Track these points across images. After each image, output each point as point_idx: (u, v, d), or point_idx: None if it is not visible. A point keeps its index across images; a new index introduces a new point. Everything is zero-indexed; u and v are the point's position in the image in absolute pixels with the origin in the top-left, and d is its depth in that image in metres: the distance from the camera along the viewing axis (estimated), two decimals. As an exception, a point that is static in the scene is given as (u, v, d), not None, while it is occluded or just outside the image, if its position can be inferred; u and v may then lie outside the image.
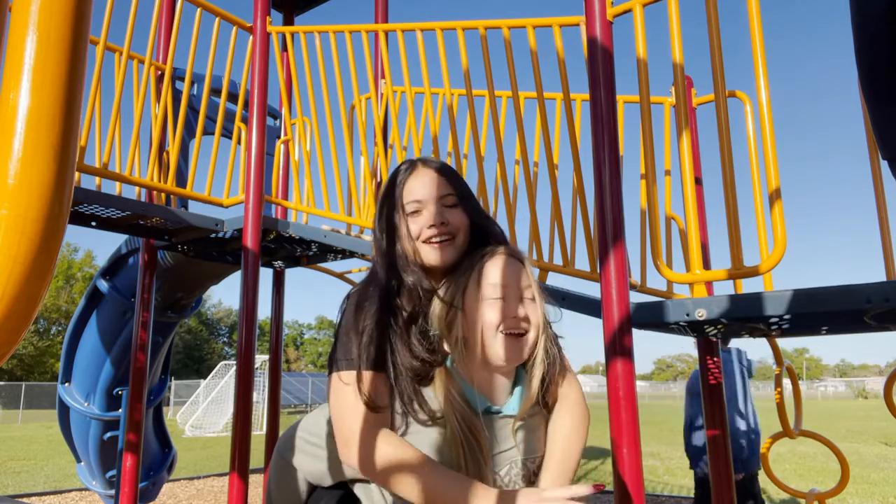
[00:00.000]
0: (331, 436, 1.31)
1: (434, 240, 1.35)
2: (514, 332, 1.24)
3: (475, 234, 1.40)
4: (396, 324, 1.28)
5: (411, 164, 1.44)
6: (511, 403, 1.29)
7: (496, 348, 1.24)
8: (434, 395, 1.25)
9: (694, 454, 4.32)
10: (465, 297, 1.28)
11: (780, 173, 1.88)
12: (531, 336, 1.26)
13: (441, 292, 1.32)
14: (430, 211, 1.36)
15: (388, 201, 1.42)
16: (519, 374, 1.32)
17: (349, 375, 1.25)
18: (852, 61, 1.11)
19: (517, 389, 1.31)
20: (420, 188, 1.39)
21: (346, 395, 1.24)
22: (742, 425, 4.04)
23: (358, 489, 1.32)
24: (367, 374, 1.24)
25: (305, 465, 1.39)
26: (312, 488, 1.41)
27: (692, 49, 2.25)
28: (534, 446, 1.30)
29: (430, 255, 1.35)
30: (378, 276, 1.37)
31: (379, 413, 1.23)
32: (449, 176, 1.42)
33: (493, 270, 1.28)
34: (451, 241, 1.36)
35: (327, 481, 1.36)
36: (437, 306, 1.30)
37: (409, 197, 1.39)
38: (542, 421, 1.34)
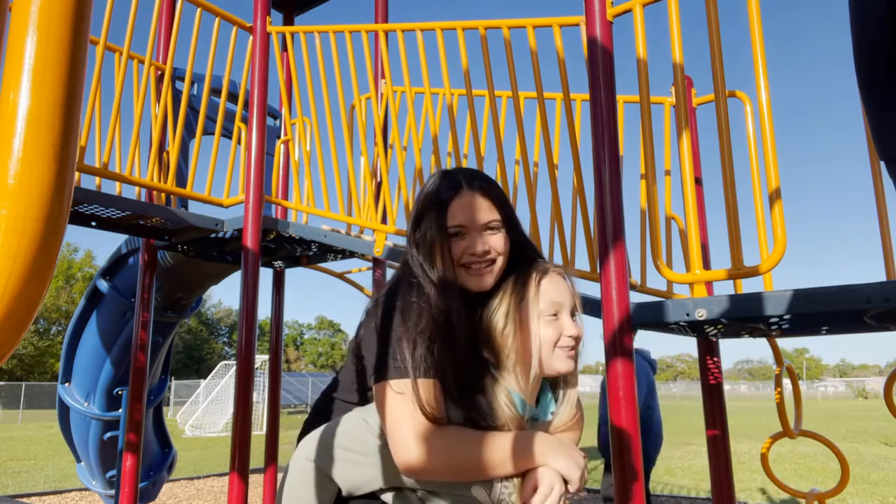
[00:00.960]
0: (379, 443, 1.30)
1: (474, 266, 1.36)
2: (569, 349, 1.33)
3: (513, 255, 1.41)
4: (451, 338, 1.30)
5: (455, 184, 1.40)
6: (541, 410, 1.37)
7: (553, 363, 1.32)
8: (487, 403, 1.31)
9: (606, 451, 4.32)
10: (520, 311, 1.33)
11: (780, 174, 1.88)
12: (579, 349, 1.36)
13: (495, 305, 1.36)
14: (473, 238, 1.37)
15: (429, 219, 1.39)
16: (543, 383, 1.41)
17: (404, 384, 1.25)
18: (852, 65, 1.11)
19: (544, 398, 1.39)
20: (465, 213, 1.37)
21: (402, 404, 1.23)
22: (646, 423, 4.10)
23: (392, 498, 1.31)
24: (423, 383, 1.24)
25: (346, 475, 1.35)
26: (336, 499, 1.38)
27: (692, 49, 2.25)
28: None
29: (470, 281, 1.37)
30: (421, 289, 1.36)
31: (436, 423, 1.24)
32: (495, 198, 1.40)
33: (551, 289, 1.35)
34: (491, 267, 1.38)
35: (373, 486, 1.33)
36: (493, 319, 1.35)
37: (452, 221, 1.37)
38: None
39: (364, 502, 1.34)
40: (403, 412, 1.23)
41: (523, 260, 1.42)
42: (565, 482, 1.24)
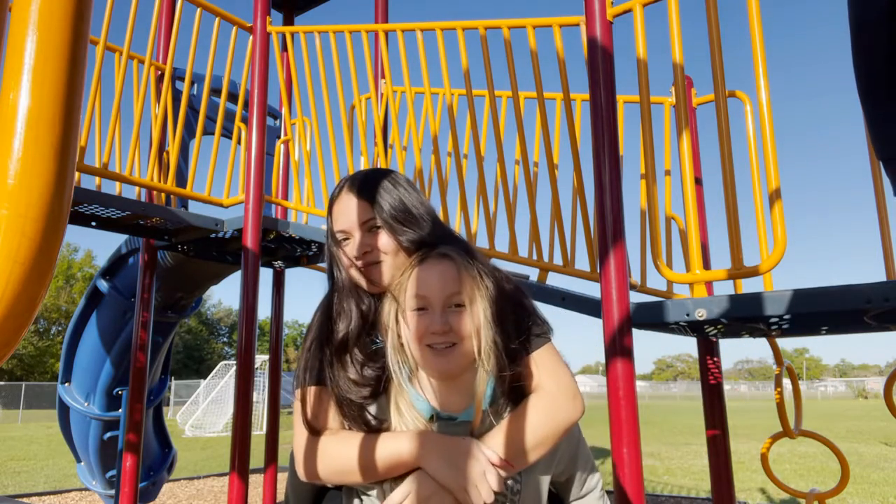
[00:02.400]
0: None
1: (365, 269, 1.33)
2: (437, 346, 1.19)
3: (418, 248, 1.32)
4: (333, 346, 1.30)
5: (339, 188, 1.40)
6: (471, 409, 1.24)
7: (422, 362, 1.21)
8: (380, 408, 1.26)
9: None
10: (398, 305, 1.24)
11: (780, 173, 1.88)
12: (463, 347, 1.19)
13: (385, 300, 1.31)
14: (356, 239, 1.34)
15: (328, 227, 1.42)
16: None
17: (298, 393, 1.32)
18: (852, 63, 1.11)
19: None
20: (342, 217, 1.36)
21: (296, 413, 1.31)
22: None
23: (344, 491, 1.33)
24: (309, 391, 1.30)
25: None
26: (325, 489, 1.41)
27: (692, 49, 2.25)
28: None
29: (363, 281, 1.34)
30: (330, 297, 1.39)
31: (319, 430, 1.28)
32: (374, 196, 1.34)
33: (418, 279, 1.23)
34: (379, 266, 1.32)
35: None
36: (380, 318, 1.30)
37: (336, 226, 1.37)
38: None
39: (336, 493, 1.36)
40: (296, 420, 1.30)
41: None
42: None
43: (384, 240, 1.32)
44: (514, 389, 1.26)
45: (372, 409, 1.27)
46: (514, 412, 1.23)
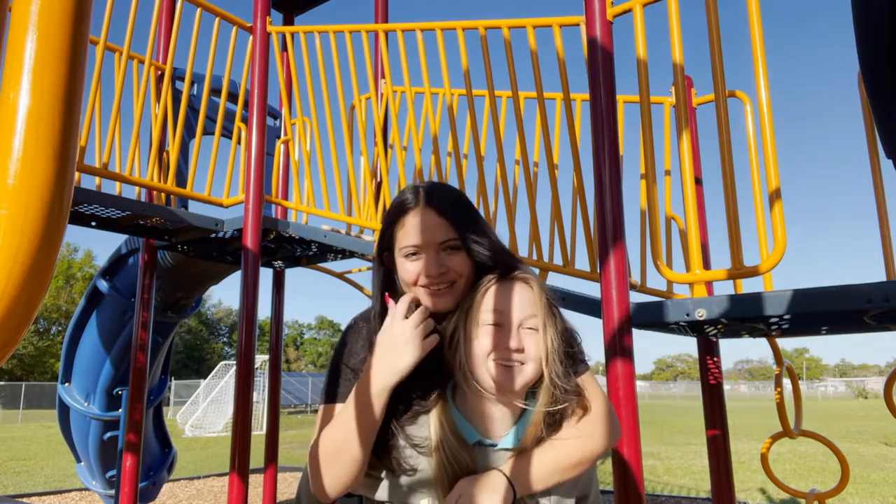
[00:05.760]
0: None
1: (433, 287, 1.27)
2: (506, 363, 1.18)
3: (484, 273, 1.29)
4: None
5: (415, 198, 1.30)
6: (509, 437, 1.23)
7: (485, 376, 1.19)
8: (428, 423, 1.24)
9: None
10: (466, 321, 1.23)
11: (780, 173, 1.88)
12: (528, 369, 1.18)
13: (447, 320, 1.28)
14: (429, 258, 1.26)
15: (387, 236, 1.33)
16: (526, 409, 1.27)
17: (322, 408, 1.29)
18: (855, 61, 1.11)
19: (518, 423, 1.25)
20: (417, 233, 1.27)
21: (316, 428, 1.27)
22: None
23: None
24: (330, 409, 1.27)
25: None
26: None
27: (692, 49, 2.25)
28: None
29: (427, 302, 1.28)
30: (373, 312, 1.33)
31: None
32: (455, 215, 1.28)
33: (494, 296, 1.22)
34: (450, 288, 1.27)
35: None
36: (445, 334, 1.26)
37: (406, 240, 1.27)
38: None
39: (346, 501, 1.35)
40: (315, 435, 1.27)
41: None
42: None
43: (461, 262, 1.27)
44: (550, 413, 1.25)
45: (410, 427, 1.24)
46: (565, 433, 1.24)
